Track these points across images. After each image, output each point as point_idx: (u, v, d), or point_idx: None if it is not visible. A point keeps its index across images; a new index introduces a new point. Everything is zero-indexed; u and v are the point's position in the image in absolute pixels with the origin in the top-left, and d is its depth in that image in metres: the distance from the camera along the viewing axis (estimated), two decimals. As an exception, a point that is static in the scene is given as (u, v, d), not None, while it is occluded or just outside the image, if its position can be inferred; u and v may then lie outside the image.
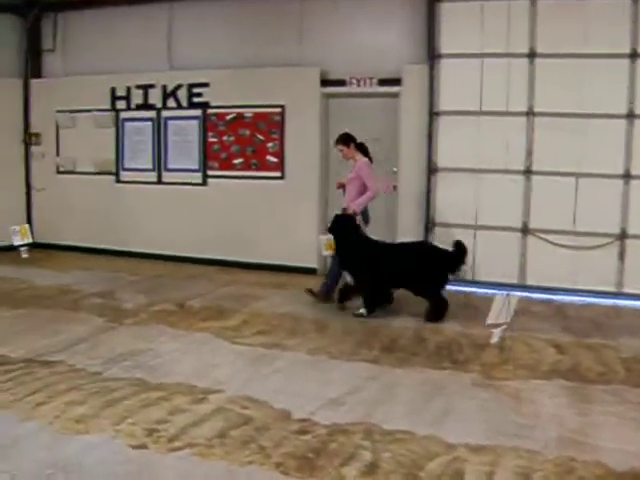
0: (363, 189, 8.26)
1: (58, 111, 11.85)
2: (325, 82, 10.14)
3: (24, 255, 10.23)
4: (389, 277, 7.91)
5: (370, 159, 8.52)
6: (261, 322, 7.66)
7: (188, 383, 5.64)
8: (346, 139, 8.49)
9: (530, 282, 9.43)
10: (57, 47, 12.08)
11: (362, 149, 8.54)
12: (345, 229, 8.04)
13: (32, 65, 12.15)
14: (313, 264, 10.28)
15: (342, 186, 8.65)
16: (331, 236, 9.09)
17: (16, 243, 10.21)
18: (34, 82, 12.16)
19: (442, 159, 9.61)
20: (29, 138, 12.10)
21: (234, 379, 5.77)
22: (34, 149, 12.17)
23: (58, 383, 5.61)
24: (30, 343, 6.64)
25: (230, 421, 4.85)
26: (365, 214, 8.54)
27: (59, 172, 12.05)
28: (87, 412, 5.01)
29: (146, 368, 6.02)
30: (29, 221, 12.17)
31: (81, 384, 5.62)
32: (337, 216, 8.29)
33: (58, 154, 11.97)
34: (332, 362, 6.28)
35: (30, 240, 10.31)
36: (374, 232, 9.59)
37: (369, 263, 7.89)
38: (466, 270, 9.37)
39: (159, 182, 11.13)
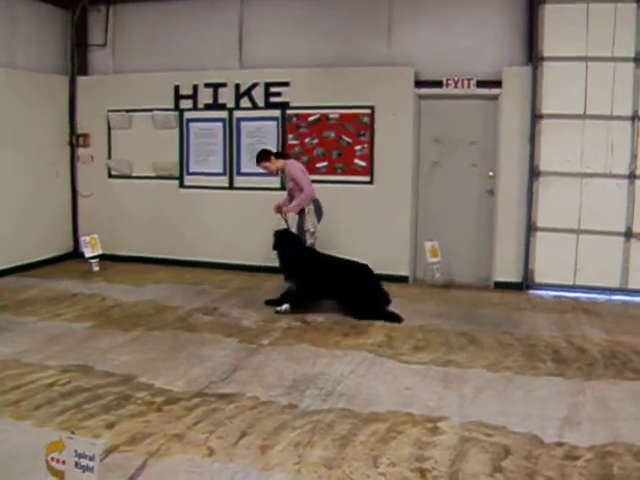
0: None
1: (111, 110, 10.96)
2: (418, 83, 9.61)
3: (96, 268, 9.67)
4: (323, 286, 8.08)
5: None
6: (406, 337, 7.31)
7: (401, 411, 5.30)
8: (264, 155, 8.59)
9: (632, 286, 9.22)
10: (107, 42, 11.17)
11: (284, 156, 8.75)
12: (284, 242, 8.22)
13: (78, 61, 11.22)
14: (405, 272, 9.81)
15: (280, 210, 8.59)
16: (436, 242, 8.84)
17: (87, 255, 9.62)
18: (81, 79, 11.26)
19: (544, 163, 9.29)
20: (76, 140, 11.19)
21: (444, 403, 5.49)
22: (81, 151, 11.25)
23: (260, 420, 5.13)
24: (182, 373, 6.11)
25: (489, 452, 4.56)
26: (318, 209, 8.57)
27: (111, 176, 11.17)
28: (326, 454, 4.56)
29: (339, 396, 5.62)
30: (75, 230, 11.38)
31: (287, 420, 5.14)
32: (276, 232, 8.37)
33: (110, 157, 11.06)
34: (522, 378, 6.06)
35: (100, 251, 9.70)
36: (470, 234, 9.70)
37: (307, 271, 8.08)
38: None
39: (230, 187, 10.43)
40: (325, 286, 8.07)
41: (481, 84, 9.41)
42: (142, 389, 5.73)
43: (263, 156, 8.57)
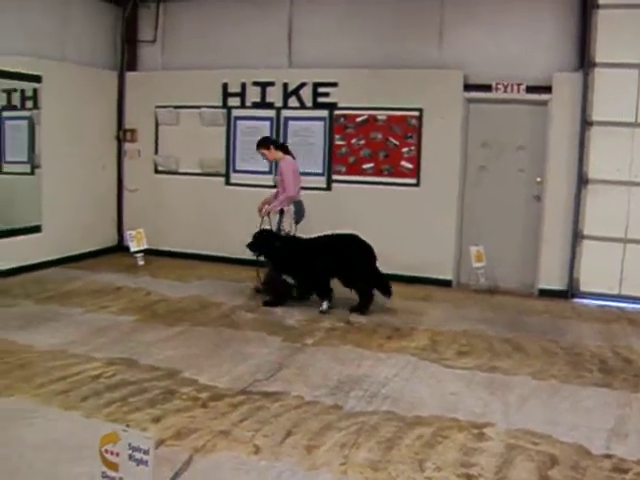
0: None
1: (158, 106, 11.07)
2: (467, 86, 9.57)
3: (140, 262, 9.74)
4: (323, 268, 8.21)
5: (292, 156, 8.82)
6: (450, 341, 7.30)
7: (446, 415, 5.30)
8: (265, 142, 8.79)
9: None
10: (157, 38, 11.30)
11: (284, 149, 8.82)
12: (266, 240, 8.32)
13: (128, 57, 11.37)
14: (448, 276, 9.78)
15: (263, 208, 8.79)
16: (481, 247, 8.80)
17: (132, 249, 9.70)
18: (130, 75, 11.41)
19: (593, 170, 9.17)
20: (123, 135, 11.32)
21: (490, 409, 5.47)
22: (128, 146, 11.38)
23: (306, 420, 5.15)
24: (226, 370, 6.16)
25: (536, 460, 4.54)
26: (298, 212, 8.73)
27: (158, 172, 11.28)
28: (371, 456, 4.56)
29: (384, 398, 5.63)
30: (120, 223, 11.51)
31: (332, 421, 5.15)
32: (255, 233, 8.47)
33: (157, 152, 11.17)
34: (568, 387, 6.02)
35: (145, 246, 9.78)
36: (515, 240, 9.68)
37: (303, 260, 8.23)
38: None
39: (276, 186, 10.38)
40: (323, 267, 8.24)
41: (531, 89, 9.34)
42: (187, 384, 5.78)
43: (263, 143, 8.79)
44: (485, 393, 5.82)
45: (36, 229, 10.01)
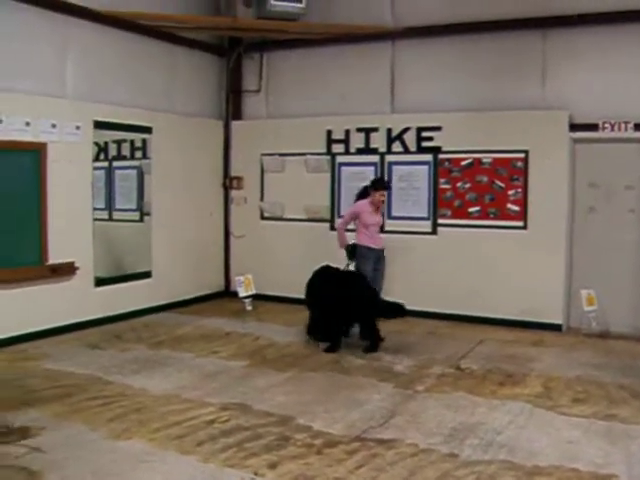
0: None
1: (264, 154, 11.34)
2: (573, 126, 9.40)
3: (248, 307, 9.87)
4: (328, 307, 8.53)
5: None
6: (564, 387, 7.09)
7: (565, 466, 5.11)
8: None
9: None
10: (261, 88, 11.66)
11: None
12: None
13: (233, 106, 11.74)
14: (558, 320, 9.55)
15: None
16: (592, 290, 8.58)
17: (241, 294, 9.85)
18: (236, 124, 11.76)
19: None
20: (230, 182, 11.63)
21: (611, 460, 5.25)
22: (234, 193, 11.68)
23: (422, 468, 5.08)
24: (339, 417, 6.15)
25: None
26: None
27: (263, 218, 11.52)
28: (490, 509, 4.41)
29: (500, 447, 5.49)
30: (227, 269, 11.76)
31: (449, 469, 5.07)
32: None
33: (263, 199, 11.42)
34: (692, 438, 5.67)
35: (254, 291, 9.91)
36: (627, 282, 9.46)
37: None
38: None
39: (381, 230, 10.43)
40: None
41: (639, 127, 9.07)
42: (301, 430, 5.81)
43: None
44: (604, 442, 5.60)
45: (146, 275, 10.30)
